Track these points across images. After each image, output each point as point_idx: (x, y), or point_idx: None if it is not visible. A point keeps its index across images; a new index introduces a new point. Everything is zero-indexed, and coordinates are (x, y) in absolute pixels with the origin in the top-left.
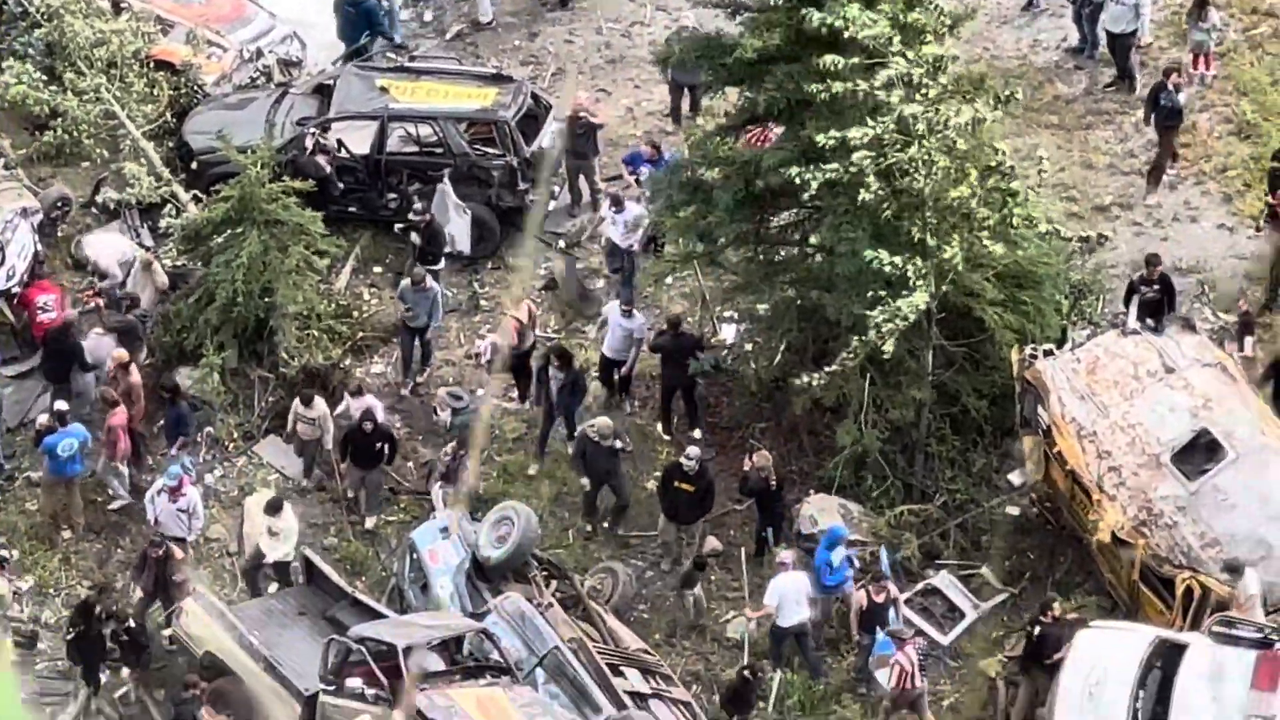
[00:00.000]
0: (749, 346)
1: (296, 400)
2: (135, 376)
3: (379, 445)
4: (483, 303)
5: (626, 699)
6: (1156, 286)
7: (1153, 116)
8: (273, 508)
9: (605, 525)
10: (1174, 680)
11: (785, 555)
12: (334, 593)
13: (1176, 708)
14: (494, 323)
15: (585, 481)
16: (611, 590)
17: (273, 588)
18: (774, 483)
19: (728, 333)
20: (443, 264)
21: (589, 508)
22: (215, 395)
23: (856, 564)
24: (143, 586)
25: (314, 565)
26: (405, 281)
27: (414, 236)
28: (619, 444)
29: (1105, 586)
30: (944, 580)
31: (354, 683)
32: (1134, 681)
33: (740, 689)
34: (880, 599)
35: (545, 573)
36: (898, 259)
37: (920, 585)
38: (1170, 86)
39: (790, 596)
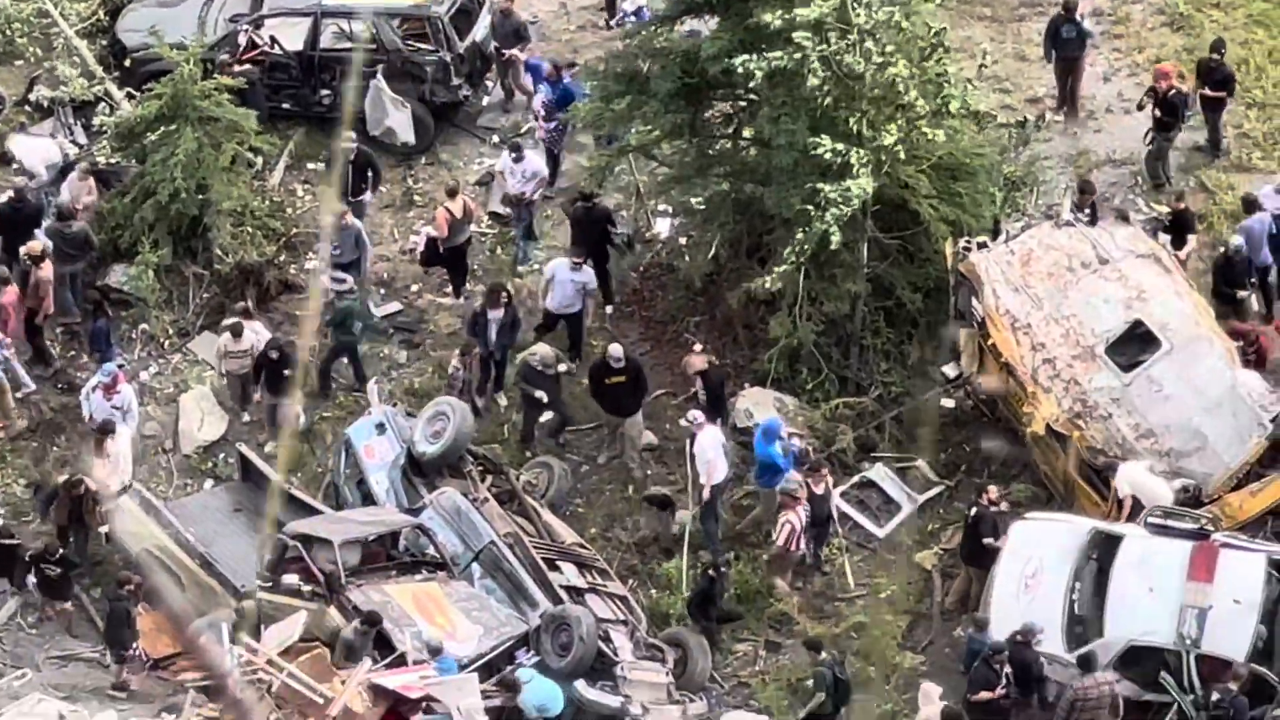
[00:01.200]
0: (684, 240)
1: (225, 335)
2: (46, 272)
3: (287, 372)
4: (417, 198)
5: (562, 593)
6: (1088, 213)
7: (1053, 52)
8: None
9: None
10: (1110, 571)
11: (696, 414)
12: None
13: (1112, 598)
14: (429, 219)
15: (540, 395)
16: (547, 485)
17: (208, 484)
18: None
19: (662, 226)
20: (369, 195)
21: (528, 434)
22: (150, 292)
23: (795, 452)
24: (55, 521)
25: (249, 462)
26: (327, 219)
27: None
28: (563, 368)
29: (1040, 478)
30: (879, 473)
31: (290, 579)
32: (1070, 573)
33: (708, 590)
34: (819, 490)
35: (481, 468)
36: (839, 145)
37: (856, 478)
38: (1075, 17)
39: (720, 450)
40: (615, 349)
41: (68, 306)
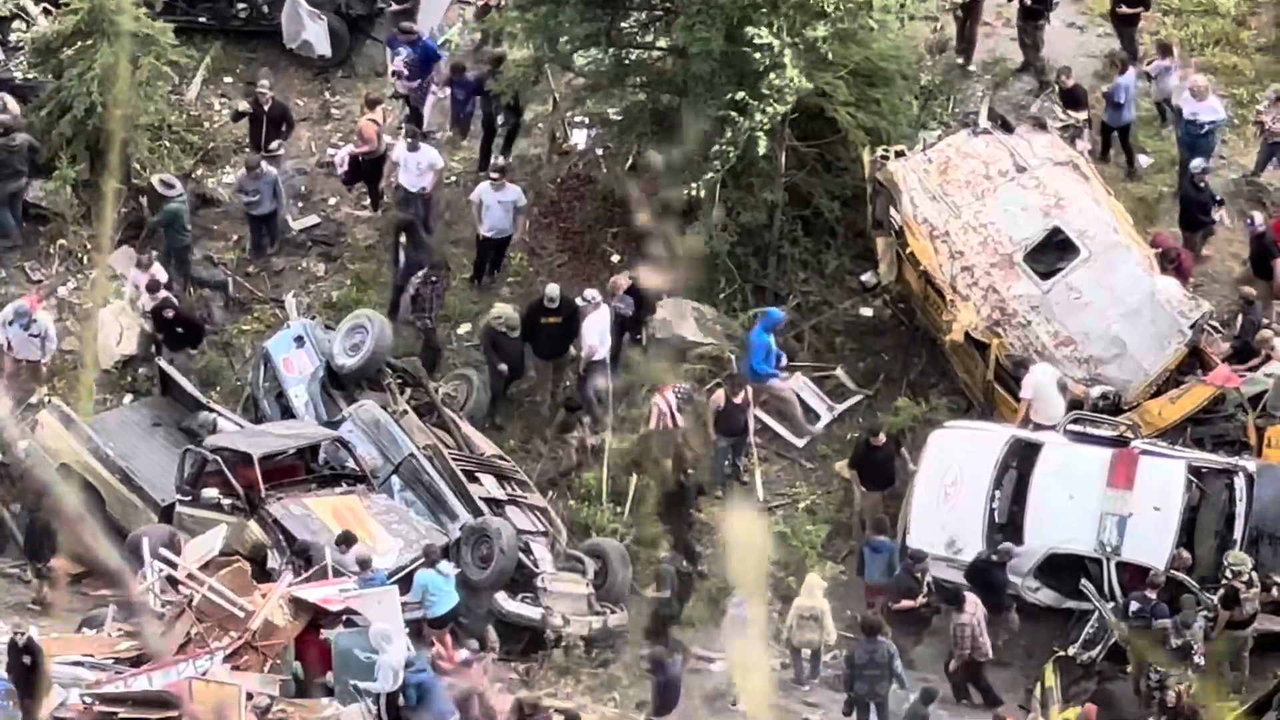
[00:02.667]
0: (600, 151)
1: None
2: None
3: (180, 330)
4: (334, 111)
5: (482, 505)
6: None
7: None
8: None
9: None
10: (1029, 479)
11: (593, 293)
12: (189, 403)
13: (1032, 506)
14: (346, 131)
15: (503, 368)
16: (466, 397)
17: (128, 399)
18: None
19: (579, 138)
20: (281, 146)
21: (497, 397)
22: (68, 207)
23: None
24: None
25: (169, 376)
26: (240, 172)
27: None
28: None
29: (960, 387)
30: (799, 383)
31: (210, 493)
32: (990, 481)
33: (678, 495)
34: (738, 400)
35: (400, 380)
36: (773, 40)
37: None
38: None
39: (606, 334)
40: (552, 289)
41: (7, 229)
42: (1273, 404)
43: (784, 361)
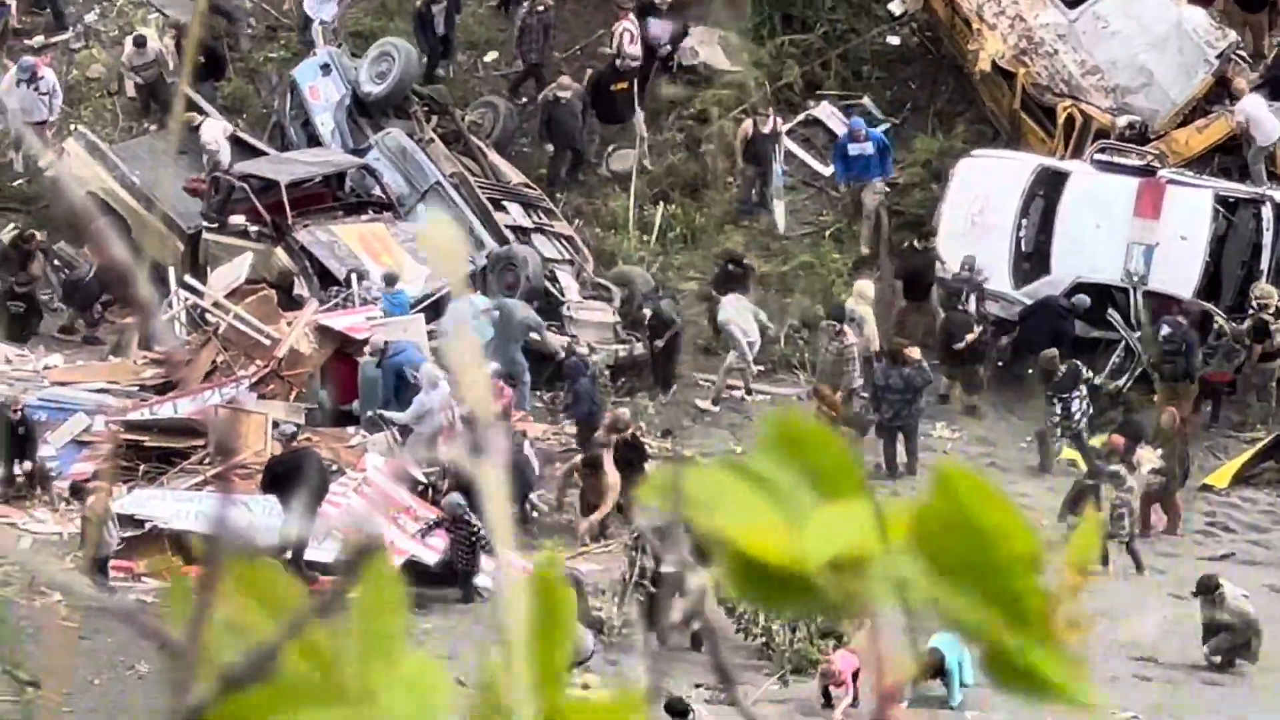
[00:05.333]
0: None
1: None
2: None
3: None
4: None
5: (508, 233)
6: None
7: None
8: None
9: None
10: (1056, 208)
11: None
12: None
13: (1059, 234)
14: None
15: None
16: (493, 125)
17: (153, 128)
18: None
19: None
20: None
21: (554, 175)
22: None
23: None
24: None
25: (196, 104)
26: None
27: None
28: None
29: (986, 116)
30: (825, 111)
31: (237, 219)
32: (1017, 209)
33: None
34: (765, 129)
35: (426, 107)
36: None
37: (801, 116)
38: None
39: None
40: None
41: None
42: None
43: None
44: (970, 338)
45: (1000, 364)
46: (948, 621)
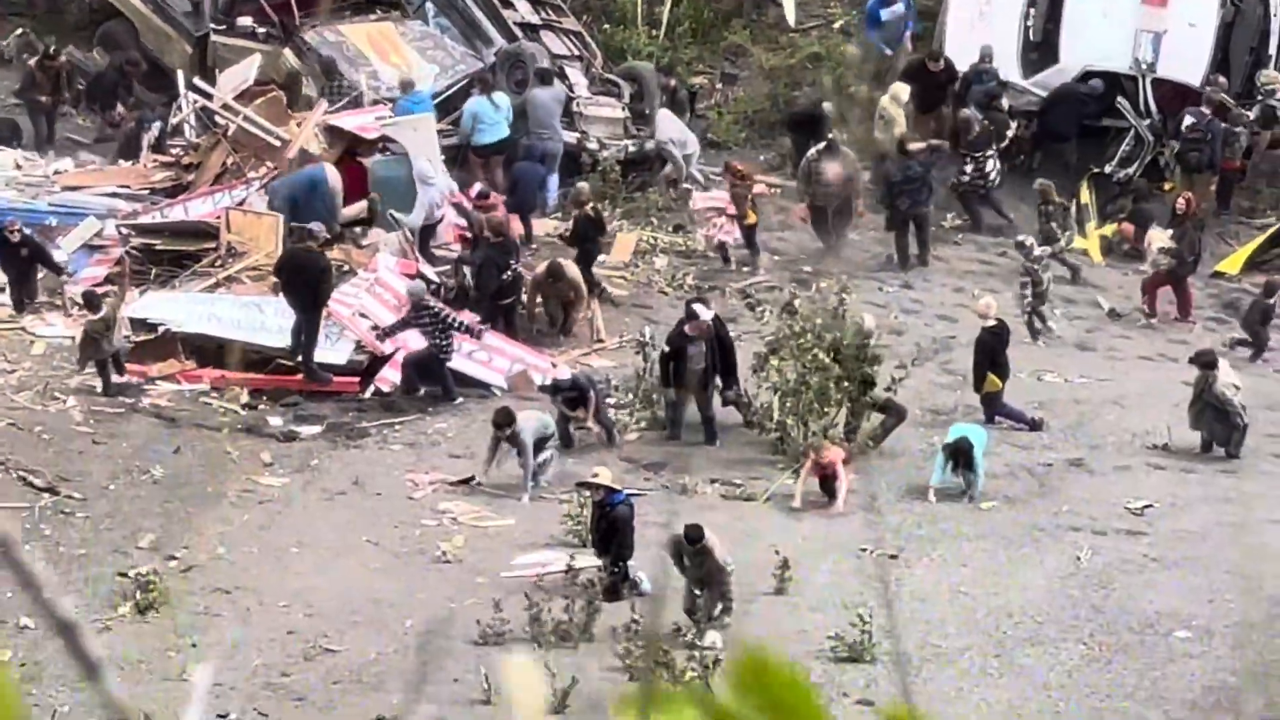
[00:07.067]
0: None
1: None
2: None
3: None
4: None
5: (516, 30)
6: None
7: None
8: None
9: None
10: None
11: None
12: None
13: (1067, 24)
14: None
15: None
16: None
17: None
18: None
19: None
20: None
21: None
22: None
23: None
24: None
25: None
26: None
27: None
28: None
29: None
30: None
31: (245, 21)
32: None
33: None
34: None
35: None
36: None
37: None
38: None
39: None
40: None
41: None
42: None
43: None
44: (1010, 134)
45: (1021, 157)
46: None
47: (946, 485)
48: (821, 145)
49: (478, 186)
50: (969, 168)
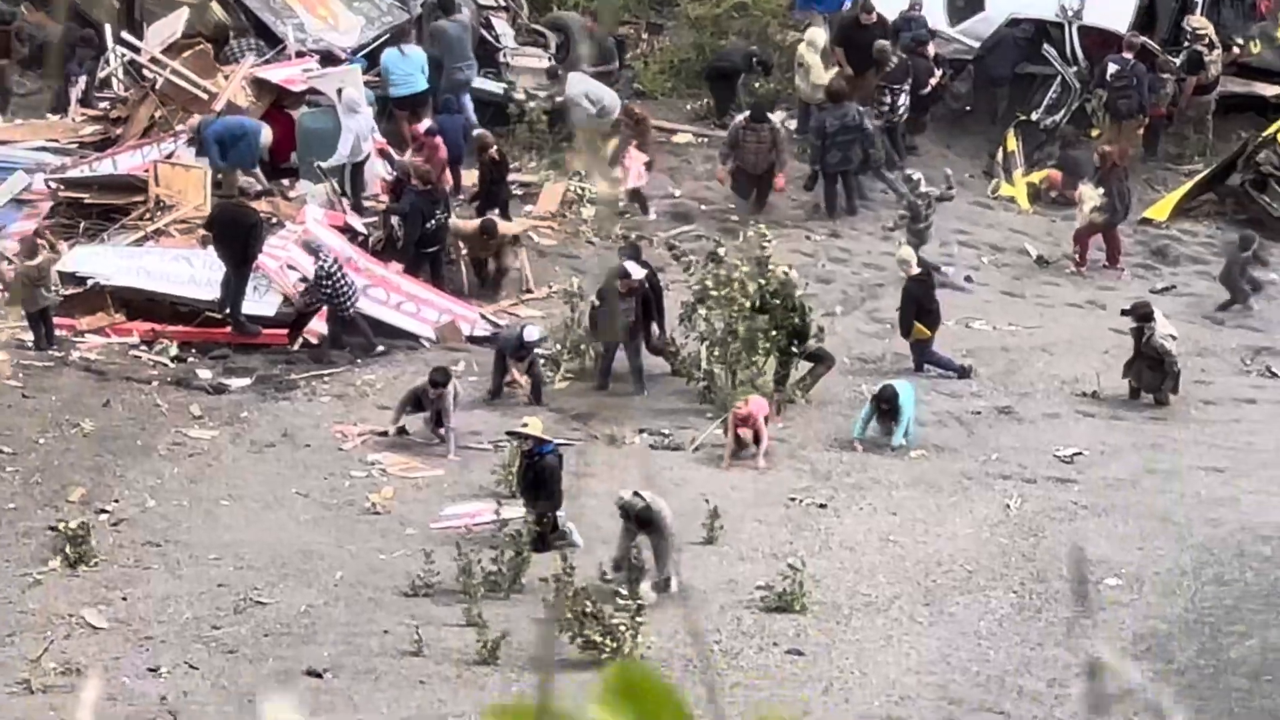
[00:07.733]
0: None
1: None
2: None
3: None
4: None
5: None
6: None
7: None
8: None
9: None
10: None
11: None
12: None
13: None
14: None
15: None
16: None
17: None
18: None
19: None
20: None
21: None
22: None
23: None
24: None
25: None
26: None
27: None
28: None
29: None
30: None
31: None
32: None
33: None
34: None
35: None
36: None
37: None
38: None
39: None
40: None
41: None
42: None
43: None
44: (933, 82)
45: (956, 103)
46: None
47: (873, 437)
48: (747, 113)
49: (426, 122)
50: (886, 98)
